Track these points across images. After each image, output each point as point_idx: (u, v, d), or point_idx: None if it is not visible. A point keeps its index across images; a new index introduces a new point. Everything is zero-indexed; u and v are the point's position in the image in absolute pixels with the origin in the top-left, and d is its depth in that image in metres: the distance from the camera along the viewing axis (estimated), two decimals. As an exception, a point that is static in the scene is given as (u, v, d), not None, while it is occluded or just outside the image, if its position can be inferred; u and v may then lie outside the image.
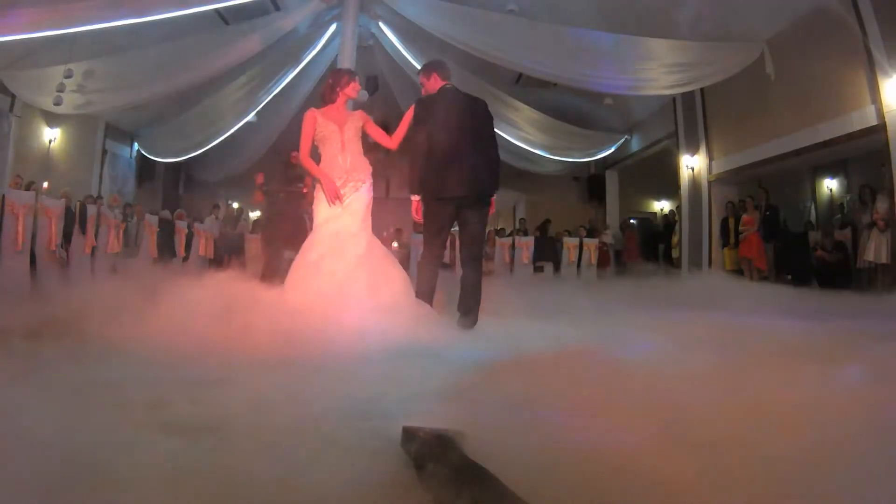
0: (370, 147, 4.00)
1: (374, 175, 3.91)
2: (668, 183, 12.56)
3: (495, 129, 4.05)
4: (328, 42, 8.52)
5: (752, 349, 2.69)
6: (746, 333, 3.28)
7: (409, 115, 3.87)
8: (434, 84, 3.91)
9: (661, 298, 5.65)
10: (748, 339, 3.06)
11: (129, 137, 12.90)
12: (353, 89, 3.90)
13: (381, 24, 7.99)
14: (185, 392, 1.89)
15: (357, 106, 6.95)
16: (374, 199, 3.90)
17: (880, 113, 7.05)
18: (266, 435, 1.54)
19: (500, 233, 13.38)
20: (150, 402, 1.77)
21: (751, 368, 2.12)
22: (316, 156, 3.85)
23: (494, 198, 3.90)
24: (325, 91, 3.93)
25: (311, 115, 3.80)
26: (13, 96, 9.22)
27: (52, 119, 10.23)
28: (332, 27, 8.02)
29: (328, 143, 3.79)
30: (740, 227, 9.70)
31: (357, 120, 3.86)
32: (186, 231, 10.05)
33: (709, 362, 2.22)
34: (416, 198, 3.81)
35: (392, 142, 3.92)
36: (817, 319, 3.95)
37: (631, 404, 1.69)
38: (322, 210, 3.79)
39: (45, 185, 9.08)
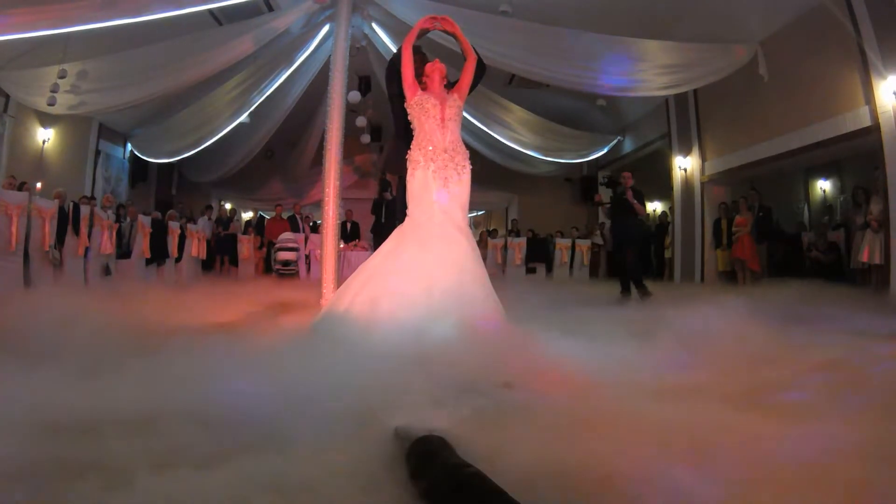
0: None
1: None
2: (660, 184, 12.58)
3: (489, 131, 4.03)
4: (321, 43, 8.51)
5: None
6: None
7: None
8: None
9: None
10: None
11: (123, 138, 12.86)
12: (434, 68, 3.69)
13: (373, 25, 7.98)
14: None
15: (348, 106, 6.97)
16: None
17: (874, 114, 7.07)
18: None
19: (492, 234, 13.39)
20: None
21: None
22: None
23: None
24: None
25: (417, 87, 3.61)
26: (7, 96, 9.19)
27: (46, 119, 10.19)
28: (325, 28, 8.00)
29: (427, 116, 3.51)
30: (733, 229, 9.71)
31: (457, 99, 3.61)
32: (179, 232, 10.02)
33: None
34: None
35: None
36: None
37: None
38: (417, 193, 3.44)
39: (39, 185, 9.01)
